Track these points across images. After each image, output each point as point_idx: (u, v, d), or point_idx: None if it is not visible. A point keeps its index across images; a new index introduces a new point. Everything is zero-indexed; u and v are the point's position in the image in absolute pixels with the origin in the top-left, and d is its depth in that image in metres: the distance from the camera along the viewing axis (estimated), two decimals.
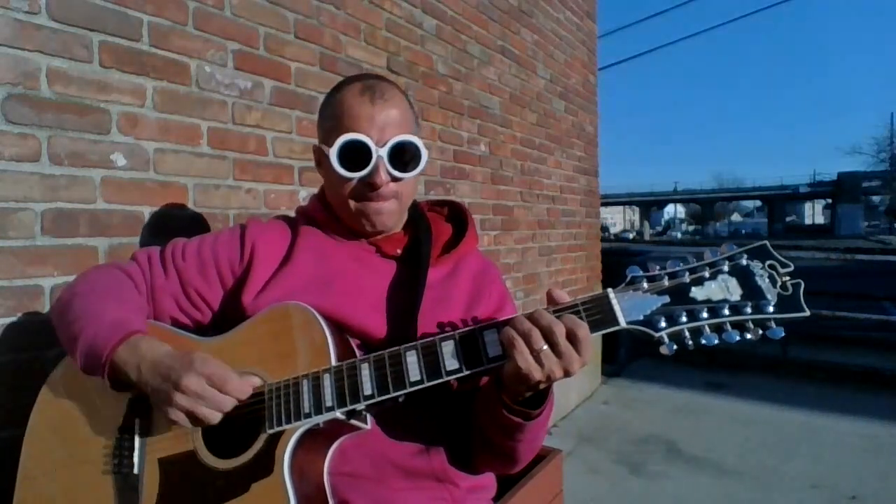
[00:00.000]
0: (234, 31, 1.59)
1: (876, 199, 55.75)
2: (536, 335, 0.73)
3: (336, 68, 1.93)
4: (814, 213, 79.81)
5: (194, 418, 0.77)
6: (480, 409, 0.89)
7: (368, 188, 0.92)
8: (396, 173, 0.92)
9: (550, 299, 0.79)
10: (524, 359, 0.73)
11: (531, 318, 0.74)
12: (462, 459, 0.94)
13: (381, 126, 0.91)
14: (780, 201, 59.47)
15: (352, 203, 0.94)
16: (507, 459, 0.92)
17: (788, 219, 69.26)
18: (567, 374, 0.75)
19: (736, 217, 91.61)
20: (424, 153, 0.94)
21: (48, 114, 1.20)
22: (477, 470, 0.96)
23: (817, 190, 56.87)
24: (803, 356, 4.82)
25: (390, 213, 0.96)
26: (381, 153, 0.90)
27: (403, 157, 0.93)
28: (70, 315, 0.87)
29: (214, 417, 0.77)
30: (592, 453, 3.17)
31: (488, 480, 1.02)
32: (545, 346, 0.73)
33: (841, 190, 49.50)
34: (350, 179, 0.92)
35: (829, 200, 56.80)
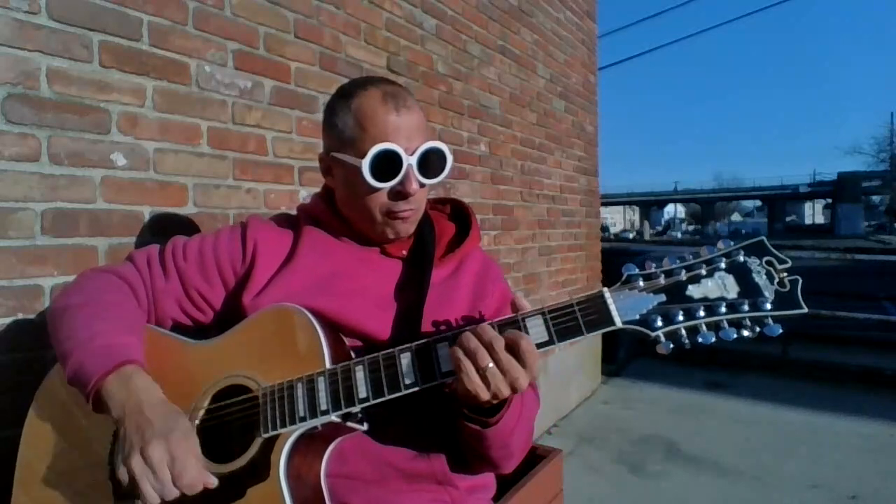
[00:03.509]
0: (234, 30, 1.59)
1: (876, 199, 55.74)
2: (482, 353, 0.72)
3: (336, 68, 1.93)
4: (814, 212, 79.75)
5: (134, 486, 0.72)
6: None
7: (398, 196, 0.91)
8: (424, 180, 0.92)
9: (513, 307, 0.78)
10: (470, 379, 0.72)
11: (476, 333, 0.73)
12: (460, 460, 0.93)
13: (408, 135, 0.90)
14: (780, 201, 59.43)
15: (378, 216, 0.93)
16: (487, 463, 0.92)
17: (788, 219, 69.18)
18: (514, 390, 0.73)
19: (736, 217, 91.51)
20: (450, 158, 0.94)
21: (48, 114, 1.20)
22: (472, 471, 0.95)
23: (817, 190, 56.82)
24: (803, 356, 4.81)
25: (413, 224, 0.97)
26: (410, 161, 0.89)
27: (431, 163, 0.92)
28: (61, 332, 0.84)
29: (153, 500, 0.72)
30: (592, 453, 3.17)
31: (487, 480, 1.01)
32: (491, 364, 0.72)
33: (841, 190, 49.45)
34: (380, 189, 0.91)
35: (829, 200, 56.77)
